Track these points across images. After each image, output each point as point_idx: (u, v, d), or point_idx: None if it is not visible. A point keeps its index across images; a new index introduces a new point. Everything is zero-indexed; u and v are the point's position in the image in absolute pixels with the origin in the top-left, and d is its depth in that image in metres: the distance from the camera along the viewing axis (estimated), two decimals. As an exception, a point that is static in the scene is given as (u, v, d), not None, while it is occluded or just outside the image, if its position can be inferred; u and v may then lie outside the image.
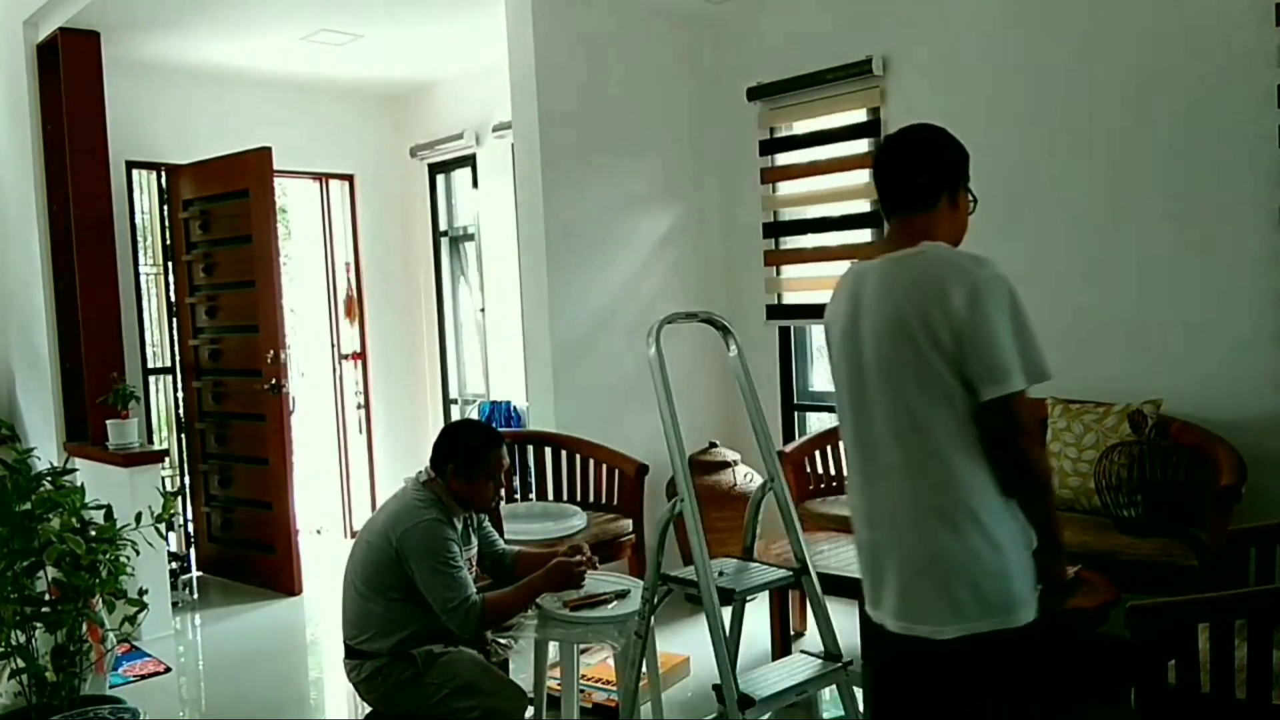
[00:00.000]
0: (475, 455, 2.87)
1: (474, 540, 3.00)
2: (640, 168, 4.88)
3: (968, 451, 1.79)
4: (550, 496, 4.42)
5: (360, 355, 6.44)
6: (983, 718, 1.86)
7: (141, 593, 3.08)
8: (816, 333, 5.08)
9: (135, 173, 5.49)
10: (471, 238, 6.23)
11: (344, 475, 6.44)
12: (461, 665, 2.74)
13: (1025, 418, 1.78)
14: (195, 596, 5.17)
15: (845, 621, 2.79)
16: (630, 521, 4.15)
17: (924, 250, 1.84)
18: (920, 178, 1.90)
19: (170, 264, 5.56)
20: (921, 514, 1.82)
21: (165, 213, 5.53)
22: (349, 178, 6.37)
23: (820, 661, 2.65)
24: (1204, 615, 2.26)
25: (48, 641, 2.95)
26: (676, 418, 2.58)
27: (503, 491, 3.04)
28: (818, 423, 4.94)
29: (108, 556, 2.96)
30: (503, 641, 2.99)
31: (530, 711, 2.91)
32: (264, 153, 5.02)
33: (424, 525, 2.75)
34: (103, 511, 3.05)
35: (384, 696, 2.77)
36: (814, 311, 4.89)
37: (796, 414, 5.02)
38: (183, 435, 5.60)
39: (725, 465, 4.64)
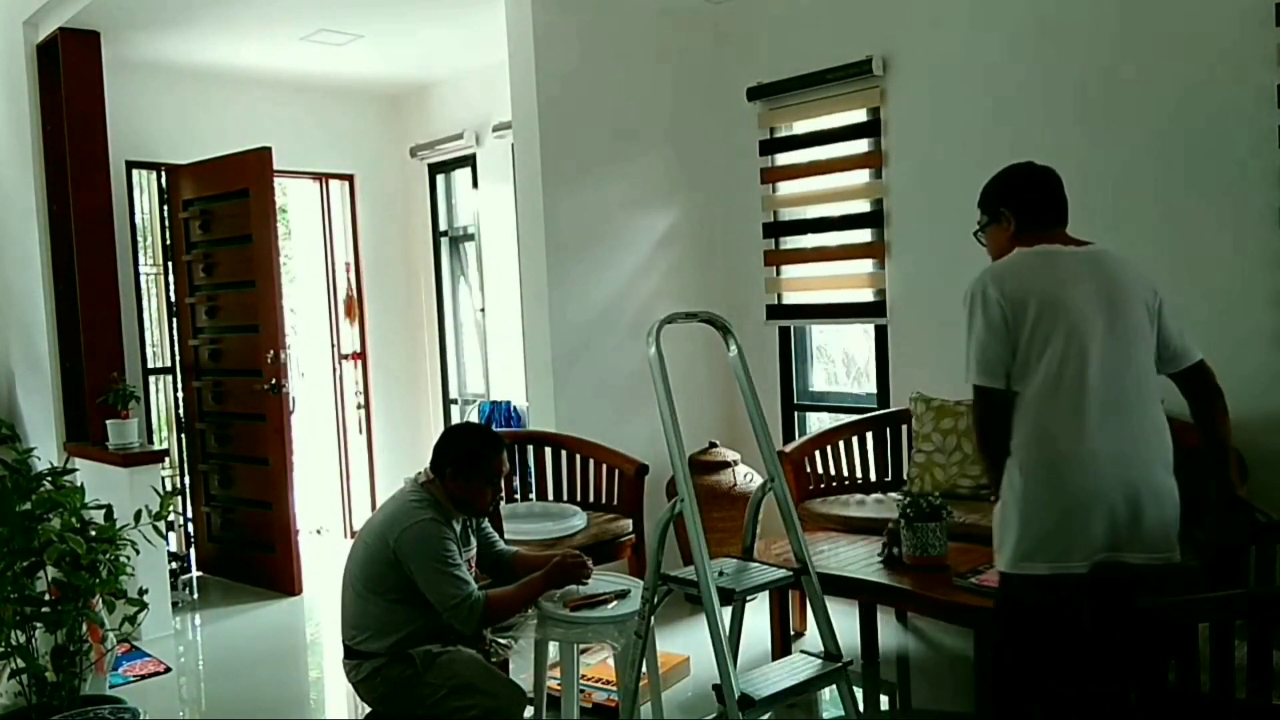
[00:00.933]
0: (474, 459, 2.86)
1: (473, 541, 3.00)
2: (640, 167, 4.88)
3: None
4: (550, 496, 4.42)
5: (360, 355, 6.44)
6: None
7: (141, 593, 3.08)
8: (816, 333, 5.08)
9: (135, 173, 5.49)
10: (471, 238, 6.23)
11: (344, 475, 6.44)
12: (460, 665, 2.74)
13: None
14: (195, 596, 5.17)
15: (845, 621, 2.78)
16: (630, 521, 4.14)
17: (1107, 247, 2.33)
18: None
19: (170, 264, 5.56)
20: (1159, 459, 2.27)
21: (165, 213, 5.52)
22: (349, 178, 6.37)
23: (820, 661, 2.65)
24: (1204, 615, 2.26)
25: (48, 641, 2.95)
26: (676, 418, 2.58)
27: (501, 495, 3.04)
28: (818, 423, 4.93)
29: (108, 556, 2.96)
30: (503, 641, 2.99)
31: (530, 711, 2.91)
32: (264, 153, 5.02)
33: (420, 525, 2.75)
34: (103, 511, 3.05)
35: (383, 696, 2.77)
36: (814, 311, 4.89)
37: (796, 414, 5.02)
38: (183, 435, 5.60)
39: (725, 465, 4.64)
